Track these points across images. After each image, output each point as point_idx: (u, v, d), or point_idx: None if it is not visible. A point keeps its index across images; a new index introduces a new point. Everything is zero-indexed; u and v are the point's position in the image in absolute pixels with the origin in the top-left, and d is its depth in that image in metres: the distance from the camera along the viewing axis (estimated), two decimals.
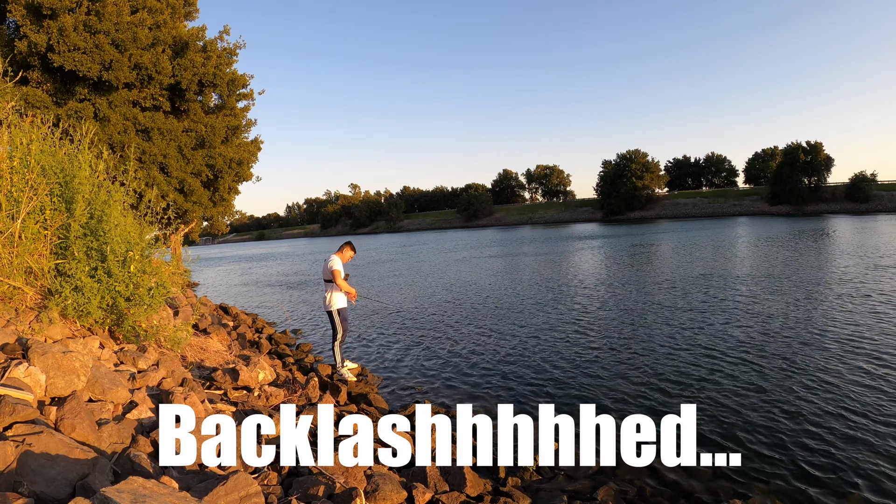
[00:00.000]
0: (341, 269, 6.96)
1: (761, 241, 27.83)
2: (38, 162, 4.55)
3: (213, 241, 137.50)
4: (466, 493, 3.78)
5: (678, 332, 8.94)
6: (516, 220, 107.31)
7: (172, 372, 4.81)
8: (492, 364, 7.73)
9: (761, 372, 6.60)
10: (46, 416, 3.02)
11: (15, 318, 4.13)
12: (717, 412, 5.43)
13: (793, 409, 5.41)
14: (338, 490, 3.31)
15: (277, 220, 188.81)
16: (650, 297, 12.58)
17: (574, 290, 14.54)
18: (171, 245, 17.84)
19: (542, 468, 4.33)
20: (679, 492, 4.01)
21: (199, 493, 2.65)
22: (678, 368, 6.95)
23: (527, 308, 12.12)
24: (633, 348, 8.08)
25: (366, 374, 7.46)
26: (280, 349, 8.97)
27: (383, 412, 5.80)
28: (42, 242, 4.58)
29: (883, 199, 69.36)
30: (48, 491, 2.41)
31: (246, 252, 64.60)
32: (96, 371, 3.67)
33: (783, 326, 8.82)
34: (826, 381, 6.14)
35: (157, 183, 18.25)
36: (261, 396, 5.33)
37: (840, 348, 7.38)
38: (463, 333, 9.89)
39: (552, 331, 9.61)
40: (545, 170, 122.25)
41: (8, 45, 16.58)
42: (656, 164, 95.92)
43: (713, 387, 6.17)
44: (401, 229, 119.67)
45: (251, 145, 23.11)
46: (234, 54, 20.32)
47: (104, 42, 15.94)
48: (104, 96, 17.31)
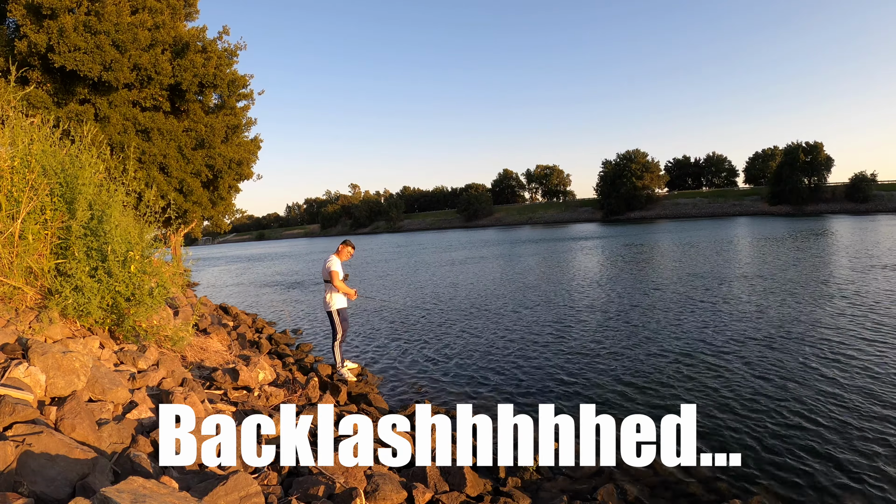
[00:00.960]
0: (339, 269, 6.96)
1: (761, 241, 27.82)
2: (38, 162, 4.55)
3: (213, 241, 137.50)
4: (466, 493, 3.78)
5: (678, 331, 8.94)
6: (516, 220, 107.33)
7: (172, 372, 4.81)
8: (492, 364, 7.73)
9: (762, 372, 6.60)
10: (46, 416, 3.02)
11: (15, 318, 4.13)
12: (717, 412, 5.43)
13: (793, 408, 5.41)
14: (338, 490, 3.31)
15: (277, 220, 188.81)
16: (650, 297, 12.58)
17: (574, 290, 14.54)
18: (171, 245, 17.84)
19: (542, 468, 4.33)
20: (679, 492, 4.01)
21: (199, 493, 2.65)
22: (678, 368, 6.95)
23: (527, 308, 12.11)
24: (633, 348, 8.08)
25: (366, 374, 7.46)
26: (280, 349, 8.97)
27: (383, 412, 5.81)
28: (42, 242, 4.58)
29: (883, 199, 69.39)
30: (48, 491, 2.41)
31: (246, 252, 64.61)
32: (96, 371, 3.67)
33: (783, 326, 8.82)
34: (827, 381, 6.14)
35: (156, 183, 18.24)
36: (261, 396, 5.33)
37: (841, 348, 7.38)
38: (463, 333, 9.89)
39: (552, 331, 9.61)
40: (545, 170, 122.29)
41: (8, 45, 16.58)
42: (656, 164, 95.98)
43: (713, 387, 6.17)
44: (401, 229, 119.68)
45: (251, 144, 23.09)
46: (235, 55, 20.32)
47: (105, 42, 15.95)
48: (104, 96, 17.31)
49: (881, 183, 73.29)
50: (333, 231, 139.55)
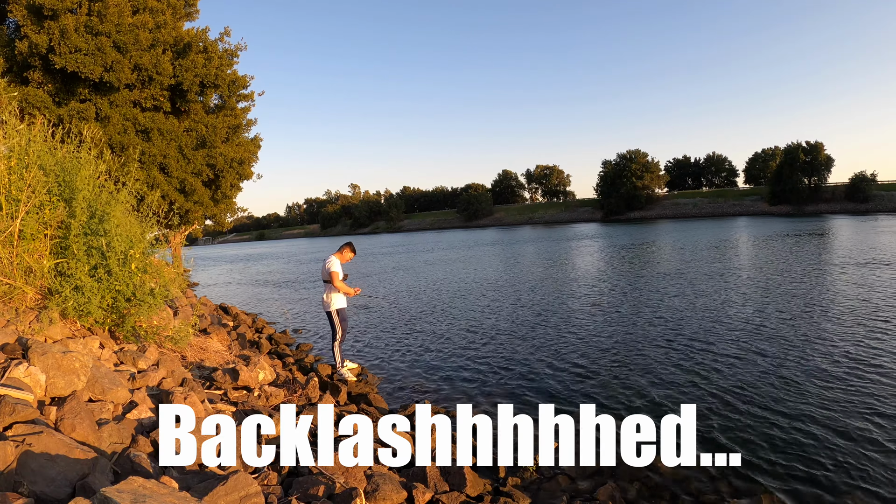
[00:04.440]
0: (339, 270, 6.95)
1: (761, 241, 27.82)
2: (35, 161, 4.56)
3: (213, 241, 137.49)
4: (466, 493, 3.78)
5: (678, 332, 8.94)
6: (516, 220, 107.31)
7: (172, 372, 4.81)
8: (492, 364, 7.73)
9: (762, 372, 6.60)
10: (46, 416, 3.02)
11: (15, 318, 4.13)
12: (717, 412, 5.43)
13: (793, 408, 5.41)
14: (338, 490, 3.31)
15: (277, 220, 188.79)
16: (650, 297, 12.58)
17: (574, 290, 14.54)
18: (172, 245, 17.84)
19: (542, 468, 4.32)
20: (679, 492, 4.01)
21: (199, 493, 2.65)
22: (678, 368, 6.95)
23: (526, 308, 12.11)
24: (633, 348, 8.08)
25: (366, 374, 7.47)
26: (280, 349, 8.97)
27: (383, 412, 5.81)
28: (42, 242, 4.58)
29: (883, 199, 69.34)
30: (48, 491, 2.41)
31: (246, 252, 64.61)
32: (96, 371, 3.68)
33: (783, 326, 8.81)
34: (827, 380, 6.14)
35: (157, 184, 18.26)
36: (261, 396, 5.33)
37: (841, 348, 7.38)
38: (463, 333, 9.89)
39: (552, 331, 9.61)
40: (545, 170, 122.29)
41: (8, 45, 16.59)
42: (656, 164, 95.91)
43: (713, 387, 6.17)
44: (401, 229, 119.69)
45: (251, 144, 23.12)
46: (235, 55, 20.37)
47: (106, 44, 15.96)
48: (105, 97, 17.32)
49: (881, 183, 73.23)
50: (333, 231, 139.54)
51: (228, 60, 19.94)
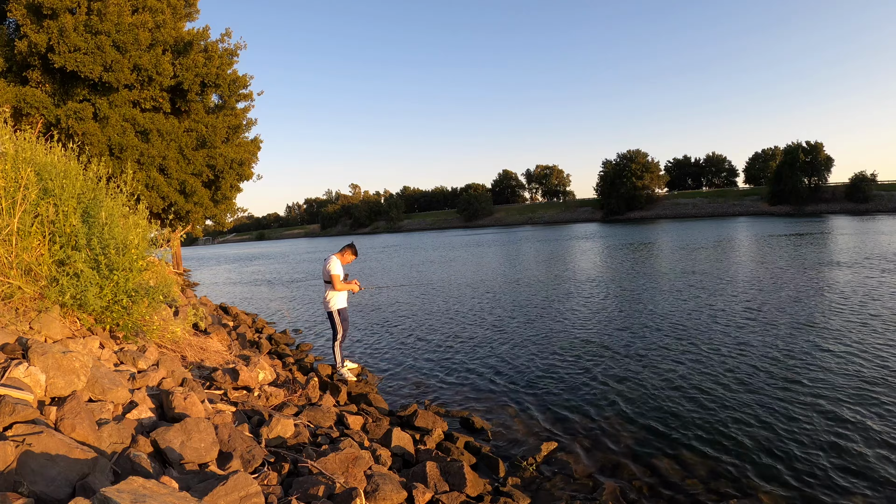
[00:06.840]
0: (340, 272, 6.94)
1: (761, 241, 27.82)
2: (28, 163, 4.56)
3: (213, 241, 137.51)
4: (466, 493, 3.78)
5: (677, 332, 8.94)
6: (516, 220, 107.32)
7: (172, 372, 4.81)
8: (492, 364, 7.73)
9: (762, 372, 6.60)
10: (46, 416, 3.02)
11: (15, 318, 4.13)
12: (717, 412, 5.43)
13: (793, 409, 5.41)
14: (338, 490, 3.31)
15: (277, 220, 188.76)
16: (650, 297, 12.58)
17: (574, 290, 14.54)
18: (171, 245, 17.82)
19: (542, 468, 4.32)
20: (679, 492, 4.01)
21: (199, 493, 2.65)
22: (678, 369, 6.95)
23: (526, 308, 12.11)
24: (633, 348, 8.08)
25: (366, 374, 7.47)
26: (280, 349, 8.97)
27: (383, 412, 5.81)
28: (40, 241, 4.58)
29: (883, 199, 69.32)
30: (48, 491, 2.41)
31: (246, 252, 64.59)
32: (96, 371, 3.67)
33: (783, 327, 8.82)
34: (827, 380, 6.14)
35: (156, 185, 18.24)
36: (261, 396, 5.33)
37: (841, 348, 7.38)
38: (463, 333, 9.89)
39: (552, 331, 9.61)
40: (545, 170, 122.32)
41: (8, 44, 16.57)
42: (656, 164, 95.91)
43: (713, 387, 6.17)
44: (401, 229, 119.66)
45: (251, 145, 23.10)
46: (235, 55, 20.34)
47: (105, 43, 15.93)
48: (104, 97, 17.30)
49: (881, 183, 73.21)
50: (333, 231, 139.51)
51: (229, 60, 19.92)
